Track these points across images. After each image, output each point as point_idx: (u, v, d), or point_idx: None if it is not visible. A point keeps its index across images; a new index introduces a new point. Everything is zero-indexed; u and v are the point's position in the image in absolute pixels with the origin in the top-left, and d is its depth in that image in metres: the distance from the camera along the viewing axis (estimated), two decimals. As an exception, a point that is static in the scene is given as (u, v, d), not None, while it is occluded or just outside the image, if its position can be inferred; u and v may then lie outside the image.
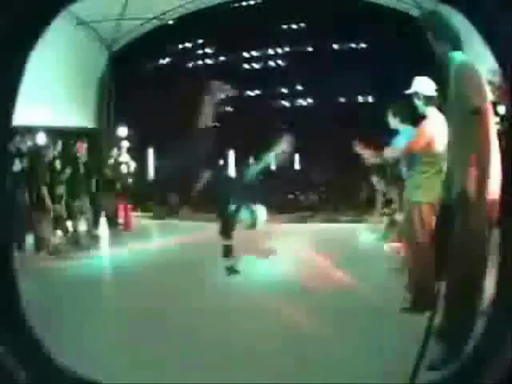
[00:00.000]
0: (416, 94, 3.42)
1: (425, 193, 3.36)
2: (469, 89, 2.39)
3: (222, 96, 5.01)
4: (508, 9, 1.56)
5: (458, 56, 2.51)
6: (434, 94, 3.39)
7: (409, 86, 3.54)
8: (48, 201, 5.76)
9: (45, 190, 5.76)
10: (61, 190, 6.21)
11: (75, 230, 6.49)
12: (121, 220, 7.90)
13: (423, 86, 3.41)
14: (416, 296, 3.34)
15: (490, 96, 2.53)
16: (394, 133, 3.86)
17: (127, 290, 4.25)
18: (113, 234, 7.20)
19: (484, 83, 2.47)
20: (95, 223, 7.07)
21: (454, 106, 2.50)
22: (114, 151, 8.28)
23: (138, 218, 8.83)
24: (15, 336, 1.73)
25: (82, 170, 6.79)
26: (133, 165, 8.20)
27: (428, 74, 3.47)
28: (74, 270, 5.01)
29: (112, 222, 7.54)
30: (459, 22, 2.14)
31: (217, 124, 4.92)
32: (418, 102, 3.43)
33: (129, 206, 8.06)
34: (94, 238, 6.79)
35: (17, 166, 5.70)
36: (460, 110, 2.43)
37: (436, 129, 3.28)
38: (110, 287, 4.32)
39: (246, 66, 12.17)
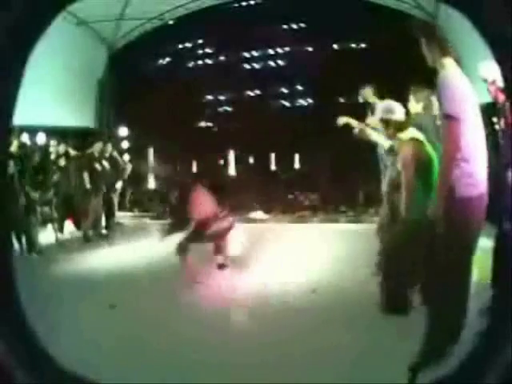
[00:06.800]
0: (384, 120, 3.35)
1: None
2: (445, 95, 2.48)
3: None
4: (508, 9, 1.56)
5: (446, 62, 2.59)
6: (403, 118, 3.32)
7: (408, 84, 3.51)
8: (35, 203, 5.79)
9: (29, 192, 5.79)
10: (49, 191, 6.23)
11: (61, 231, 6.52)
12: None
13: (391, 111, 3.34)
14: (388, 298, 3.26)
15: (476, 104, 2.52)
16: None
17: (126, 289, 4.24)
18: (110, 234, 7.18)
19: (466, 92, 2.51)
20: (94, 223, 7.05)
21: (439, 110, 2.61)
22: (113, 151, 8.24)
23: (139, 218, 8.83)
24: (15, 336, 1.73)
25: (76, 170, 6.79)
26: (130, 165, 8.11)
27: (427, 74, 3.46)
28: (68, 271, 5.01)
29: (109, 222, 7.50)
30: (459, 22, 2.15)
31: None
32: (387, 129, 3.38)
33: None
34: (92, 238, 6.76)
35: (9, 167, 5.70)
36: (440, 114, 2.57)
37: None
38: (109, 286, 4.31)
39: (246, 65, 12.18)
